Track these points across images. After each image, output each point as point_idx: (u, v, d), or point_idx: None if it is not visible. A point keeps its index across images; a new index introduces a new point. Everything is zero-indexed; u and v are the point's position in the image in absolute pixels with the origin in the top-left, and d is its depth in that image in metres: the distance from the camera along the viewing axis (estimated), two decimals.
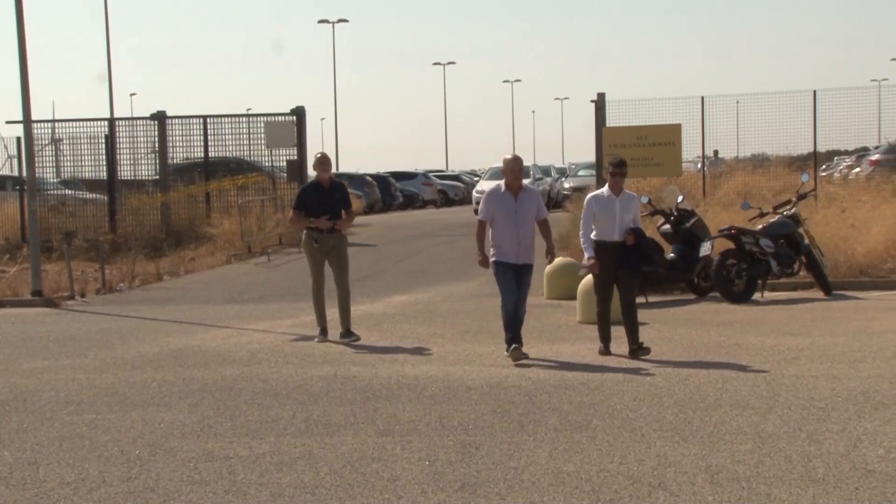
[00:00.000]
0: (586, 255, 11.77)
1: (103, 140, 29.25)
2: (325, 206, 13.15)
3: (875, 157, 32.25)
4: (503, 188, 11.75)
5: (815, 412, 8.61)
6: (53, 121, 31.96)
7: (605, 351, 11.74)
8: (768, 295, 16.09)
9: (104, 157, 29.21)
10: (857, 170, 32.35)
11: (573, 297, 14.88)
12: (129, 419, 9.10)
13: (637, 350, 11.44)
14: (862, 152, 37.44)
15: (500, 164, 41.91)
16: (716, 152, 29.60)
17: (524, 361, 11.16)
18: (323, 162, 13.54)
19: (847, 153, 42.12)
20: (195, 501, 6.68)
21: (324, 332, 13.31)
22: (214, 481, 7.12)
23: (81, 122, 30.33)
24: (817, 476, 6.84)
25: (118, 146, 29.56)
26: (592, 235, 11.72)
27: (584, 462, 7.30)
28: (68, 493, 6.95)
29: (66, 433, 8.66)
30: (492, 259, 11.68)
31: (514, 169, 11.78)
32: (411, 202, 50.63)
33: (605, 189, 11.85)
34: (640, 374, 10.32)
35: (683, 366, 10.79)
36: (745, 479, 6.79)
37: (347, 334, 13.05)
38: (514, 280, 11.58)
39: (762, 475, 6.89)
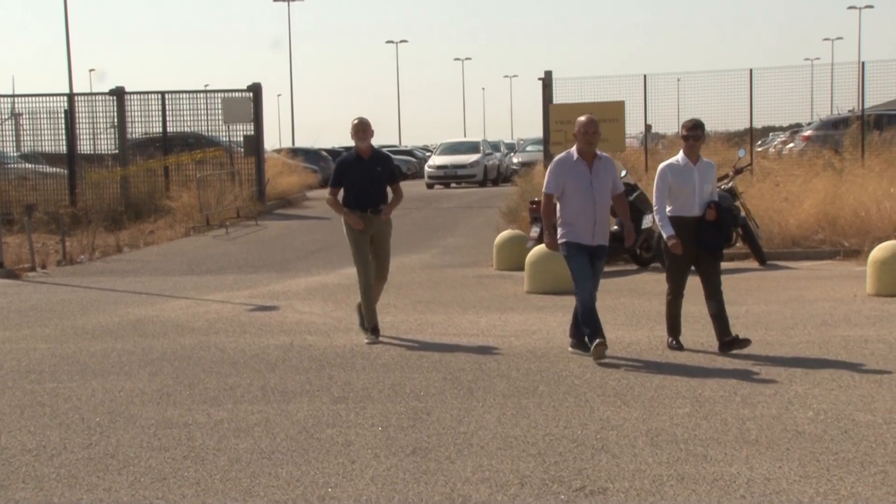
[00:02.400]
0: (665, 234, 9.88)
1: (63, 115, 28.95)
2: (366, 181, 10.94)
3: (807, 133, 32.54)
4: (575, 156, 9.72)
5: (749, 377, 8.71)
6: (13, 95, 31.53)
7: (677, 345, 9.97)
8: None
9: (64, 131, 28.87)
10: (791, 145, 32.62)
11: (521, 269, 14.93)
12: (90, 388, 9.04)
13: (733, 342, 9.62)
14: (795, 128, 37.73)
15: (453, 140, 41.77)
16: (649, 127, 29.70)
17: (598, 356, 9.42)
18: (362, 128, 11.00)
19: (781, 129, 42.47)
20: (154, 467, 6.65)
21: (375, 330, 10.94)
22: (173, 447, 7.09)
23: (41, 98, 29.91)
24: (751, 437, 6.92)
25: (77, 121, 29.22)
26: (668, 211, 9.88)
27: (531, 426, 7.34)
28: (30, 460, 6.91)
29: (27, 401, 8.59)
30: (561, 240, 9.79)
31: (588, 132, 9.64)
32: None
33: (679, 157, 9.95)
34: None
35: (627, 333, 10.86)
36: (683, 441, 6.86)
37: (375, 331, 10.98)
38: (589, 264, 9.76)
39: (699, 437, 6.96)
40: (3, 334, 11.97)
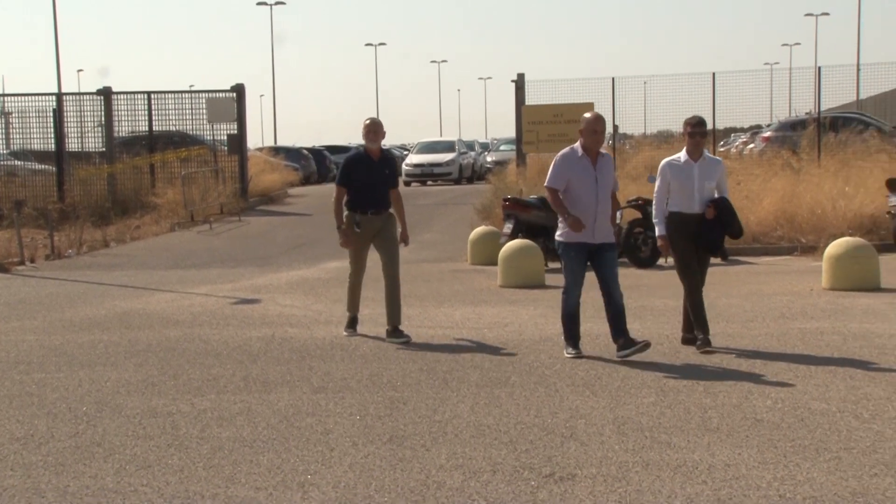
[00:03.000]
0: (657, 232, 9.69)
1: (51, 114, 28.79)
2: (373, 182, 10.48)
3: (767, 134, 32.70)
4: (580, 152, 9.23)
5: (711, 367, 8.75)
6: (3, 95, 31.38)
7: (705, 343, 9.34)
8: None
9: (52, 130, 28.70)
10: (752, 146, 32.75)
11: (494, 264, 14.96)
12: (77, 378, 8.99)
13: (693, 340, 9.50)
14: (756, 130, 37.92)
15: (429, 139, 41.75)
16: (616, 127, 29.83)
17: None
18: (374, 129, 10.57)
19: (743, 130, 42.65)
20: (139, 455, 6.62)
21: (353, 322, 10.79)
22: (158, 436, 7.07)
23: (30, 97, 29.77)
24: (712, 425, 6.95)
25: (66, 120, 29.06)
26: (670, 206, 9.53)
27: (503, 415, 7.35)
28: (18, 448, 6.86)
29: (15, 391, 8.54)
30: (559, 239, 9.37)
31: (596, 129, 9.21)
32: None
33: (682, 154, 9.56)
34: (554, 335, 10.37)
35: (594, 326, 10.87)
36: (649, 429, 6.88)
37: (395, 333, 10.33)
38: (584, 264, 9.31)
39: (663, 425, 6.98)
40: None
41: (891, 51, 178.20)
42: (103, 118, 29.41)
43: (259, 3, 72.72)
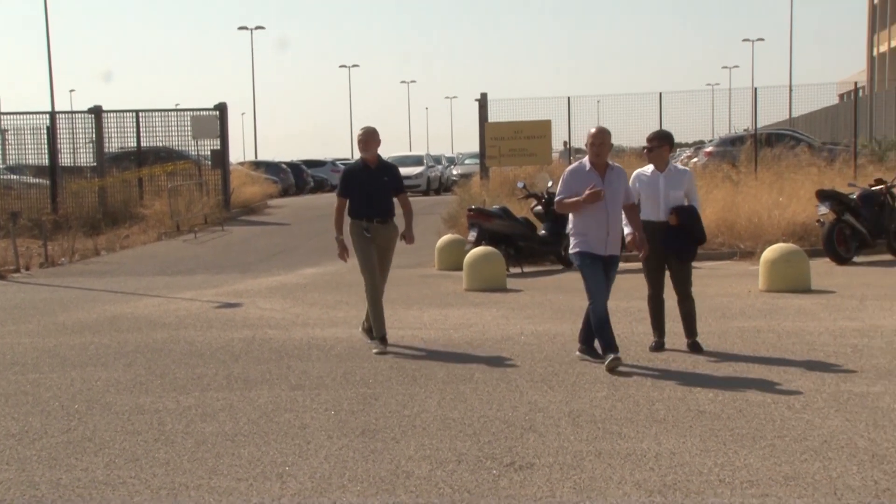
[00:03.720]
0: (625, 231, 9.12)
1: (45, 131, 28.60)
2: (372, 190, 9.90)
3: (709, 149, 32.94)
4: (587, 166, 8.75)
5: (658, 363, 8.80)
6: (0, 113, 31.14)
7: (658, 346, 9.33)
8: (623, 265, 16.33)
9: (46, 146, 28.50)
10: (695, 160, 32.94)
11: (460, 269, 14.98)
12: (69, 378, 8.93)
13: (693, 345, 9.27)
14: (699, 145, 38.14)
15: (399, 154, 41.82)
16: (565, 143, 30.03)
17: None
18: (366, 138, 9.92)
19: (687, 145, 42.90)
20: (128, 449, 6.59)
21: (383, 340, 9.75)
22: (145, 431, 7.03)
23: (25, 115, 29.57)
24: (659, 416, 7.00)
25: (59, 137, 28.88)
26: (641, 216, 9.12)
27: (468, 409, 7.36)
28: (13, 444, 6.81)
29: (11, 391, 8.47)
30: (574, 250, 8.83)
31: (594, 143, 8.69)
32: (321, 186, 50.32)
33: (649, 166, 9.33)
34: (515, 335, 10.41)
35: (552, 326, 10.92)
36: (601, 421, 6.91)
37: (368, 331, 10.07)
38: (601, 272, 8.75)
39: (615, 417, 7.02)
40: None
41: (820, 73, 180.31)
42: (94, 135, 29.28)
43: (240, 28, 72.71)
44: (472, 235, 16.35)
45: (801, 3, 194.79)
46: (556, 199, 8.94)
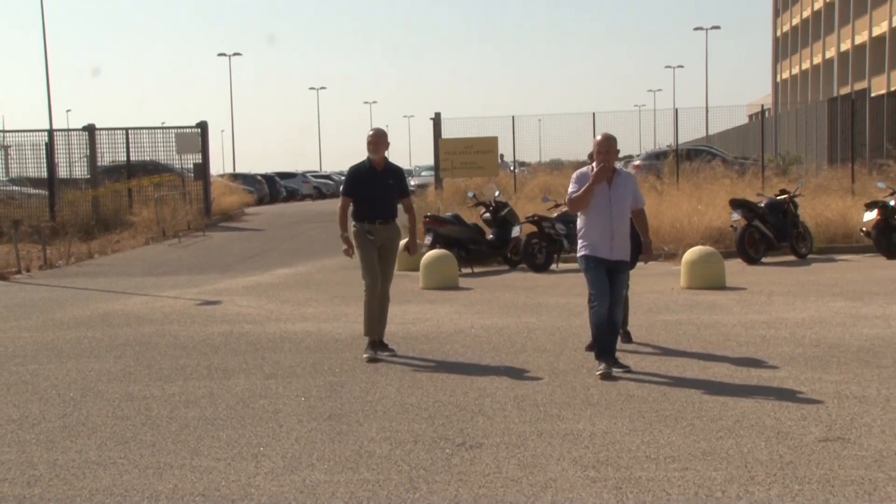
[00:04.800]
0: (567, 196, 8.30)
1: (44, 147, 28.28)
2: (377, 192, 8.93)
3: (637, 162, 33.22)
4: (594, 170, 7.93)
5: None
6: (2, 131, 30.73)
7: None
8: (562, 266, 16.43)
9: (45, 160, 28.21)
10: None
11: (417, 269, 14.98)
12: (65, 368, 8.79)
13: (624, 333, 8.96)
14: (628, 159, 38.44)
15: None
16: (502, 156, 30.17)
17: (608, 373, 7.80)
18: (376, 140, 8.91)
19: (618, 159, 43.27)
20: (118, 433, 6.49)
21: (373, 344, 8.95)
22: (134, 416, 6.94)
23: (26, 133, 29.32)
24: (593, 400, 7.01)
25: (56, 152, 28.56)
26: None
27: (423, 395, 7.34)
28: (14, 428, 6.69)
29: (12, 380, 8.33)
30: (581, 253, 8.01)
31: (599, 151, 7.82)
32: (293, 196, 50.18)
33: (593, 164, 8.09)
34: (466, 328, 10.40)
35: (499, 321, 10.93)
36: (542, 405, 6.92)
37: (380, 345, 9.00)
38: (606, 278, 7.90)
39: (554, 401, 7.03)
40: None
41: (732, 97, 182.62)
42: (88, 150, 29.11)
43: (220, 55, 72.29)
44: (428, 239, 16.35)
45: (716, 35, 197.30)
46: (567, 199, 8.12)
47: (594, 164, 7.97)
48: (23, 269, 18.56)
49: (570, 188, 8.07)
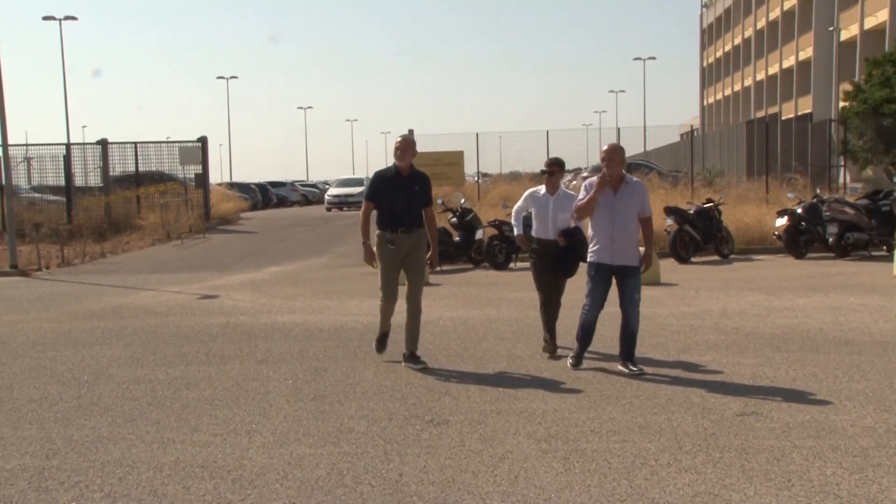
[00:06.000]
0: (515, 232, 8.58)
1: (62, 159, 27.97)
2: (401, 197, 7.64)
3: (586, 174, 33.38)
4: None
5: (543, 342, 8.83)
6: (26, 145, 30.32)
7: (550, 349, 8.14)
8: (519, 265, 16.44)
9: (63, 170, 27.89)
10: (574, 182, 33.35)
11: None
12: (80, 355, 8.68)
13: (549, 344, 8.20)
14: (577, 171, 38.63)
15: (345, 177, 41.31)
16: (458, 165, 30.15)
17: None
18: (404, 146, 7.73)
19: (568, 171, 43.39)
20: (127, 411, 6.42)
21: (412, 356, 7.74)
22: (141, 397, 6.86)
23: (46, 146, 29.01)
24: (546, 383, 7.01)
25: (73, 163, 28.31)
26: (533, 233, 8.19)
27: (397, 379, 7.32)
28: (35, 408, 6.60)
29: (33, 365, 8.21)
30: (589, 259, 7.47)
31: (604, 159, 7.26)
32: (283, 202, 49.91)
33: (542, 187, 8.20)
34: (435, 319, 10.37)
35: (464, 312, 10.92)
36: (501, 386, 6.90)
37: (412, 358, 7.70)
38: (605, 285, 7.37)
39: (512, 383, 7.02)
40: (17, 317, 11.41)
41: (666, 117, 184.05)
42: (101, 162, 28.87)
43: (219, 78, 71.80)
44: None
45: (652, 64, 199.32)
46: (574, 206, 7.59)
47: (603, 170, 7.35)
48: (43, 267, 18.33)
49: (580, 195, 7.51)
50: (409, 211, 7.68)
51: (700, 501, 4.36)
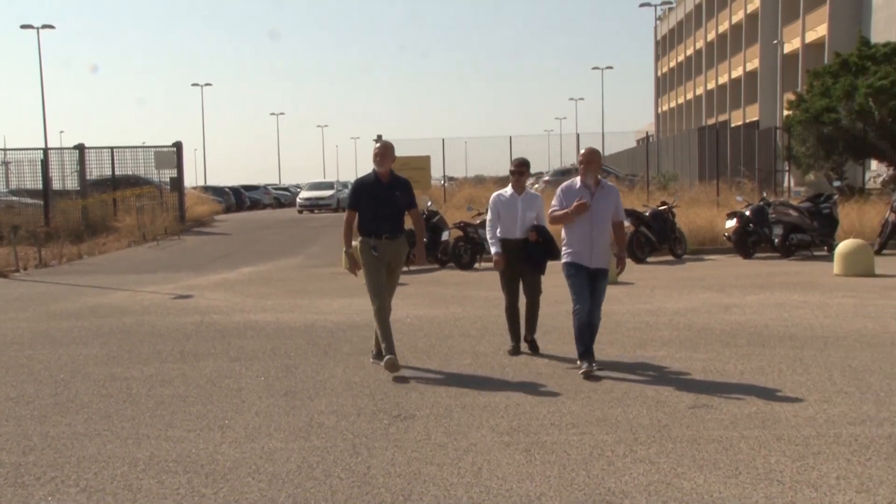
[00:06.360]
0: (492, 251, 8.03)
1: (40, 163, 27.45)
2: (383, 204, 7.34)
3: (546, 178, 33.61)
4: (578, 183, 7.20)
5: (507, 338, 8.83)
6: (4, 149, 29.81)
7: (515, 351, 7.95)
8: (483, 265, 16.46)
9: (41, 174, 27.38)
10: (536, 185, 33.53)
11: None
12: (57, 353, 8.54)
13: (531, 343, 8.05)
14: (539, 175, 38.80)
15: (316, 181, 41.26)
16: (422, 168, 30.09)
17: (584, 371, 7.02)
18: (384, 152, 7.36)
19: (529, 175, 43.59)
20: (102, 408, 6.33)
21: (380, 355, 7.40)
22: (116, 394, 6.76)
23: (24, 150, 28.40)
24: (508, 378, 7.04)
25: (51, 167, 27.78)
26: (498, 233, 7.98)
27: (365, 375, 7.29)
28: (11, 405, 6.48)
29: (10, 364, 8.06)
30: (564, 260, 7.31)
31: (585, 162, 7.10)
32: (256, 205, 49.58)
33: (508, 188, 8.04)
34: (403, 318, 10.35)
35: (430, 311, 10.91)
36: (466, 383, 6.89)
37: (380, 356, 7.44)
38: (588, 283, 7.19)
39: (476, 380, 7.01)
40: None
41: (623, 124, 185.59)
42: (78, 166, 28.34)
43: (193, 85, 71.09)
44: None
45: (610, 73, 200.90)
46: (549, 212, 7.41)
47: (579, 177, 7.26)
48: (21, 268, 17.99)
49: (554, 202, 7.33)
50: (392, 217, 7.40)
51: (654, 490, 4.40)
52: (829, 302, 10.76)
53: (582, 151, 7.23)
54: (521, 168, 7.99)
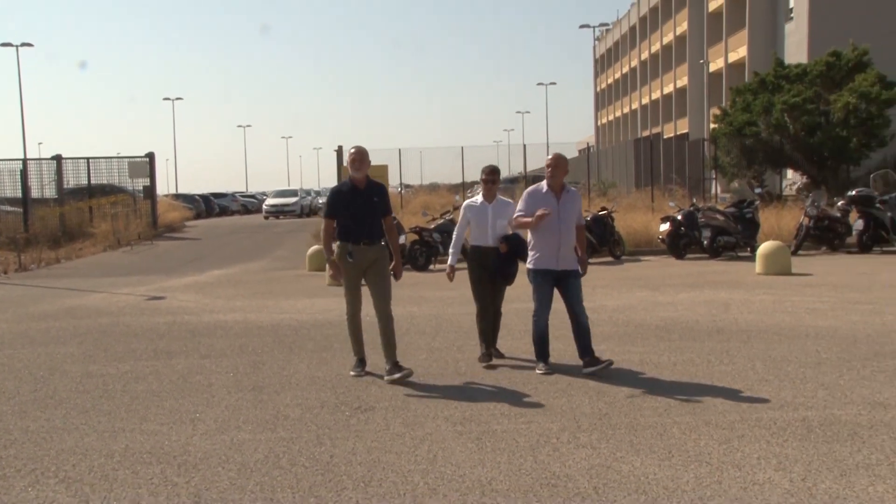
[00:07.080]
0: (448, 263, 7.51)
1: (19, 173, 26.82)
2: (360, 211, 6.81)
3: (500, 186, 33.65)
4: (544, 188, 6.85)
5: (461, 334, 8.85)
6: None
7: (486, 358, 7.31)
8: (438, 266, 16.46)
9: (20, 183, 26.75)
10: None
11: (324, 270, 14.77)
12: (36, 352, 8.33)
13: (496, 351, 7.56)
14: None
15: (281, 188, 40.94)
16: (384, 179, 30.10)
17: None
18: (360, 157, 6.83)
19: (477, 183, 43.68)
20: (80, 403, 6.19)
21: (361, 362, 7.15)
22: (93, 390, 6.62)
23: (3, 161, 27.70)
24: (461, 371, 7.05)
25: (29, 176, 27.12)
26: (470, 241, 7.41)
27: (329, 370, 7.25)
28: None
29: None
30: (529, 266, 6.94)
31: (553, 166, 6.78)
32: (224, 211, 48.96)
33: (478, 196, 7.41)
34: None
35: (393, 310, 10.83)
36: (422, 375, 6.91)
37: (395, 369, 6.76)
38: (550, 288, 6.84)
39: (431, 373, 7.04)
40: None
41: (566, 135, 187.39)
42: (56, 175, 27.76)
43: (165, 99, 70.03)
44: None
45: (553, 89, 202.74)
46: (514, 216, 7.02)
47: (545, 179, 6.92)
48: (1, 272, 17.52)
49: (520, 205, 6.95)
50: (370, 223, 6.87)
51: (595, 473, 4.44)
52: (752, 299, 10.98)
53: (549, 156, 6.91)
54: (492, 176, 7.36)
